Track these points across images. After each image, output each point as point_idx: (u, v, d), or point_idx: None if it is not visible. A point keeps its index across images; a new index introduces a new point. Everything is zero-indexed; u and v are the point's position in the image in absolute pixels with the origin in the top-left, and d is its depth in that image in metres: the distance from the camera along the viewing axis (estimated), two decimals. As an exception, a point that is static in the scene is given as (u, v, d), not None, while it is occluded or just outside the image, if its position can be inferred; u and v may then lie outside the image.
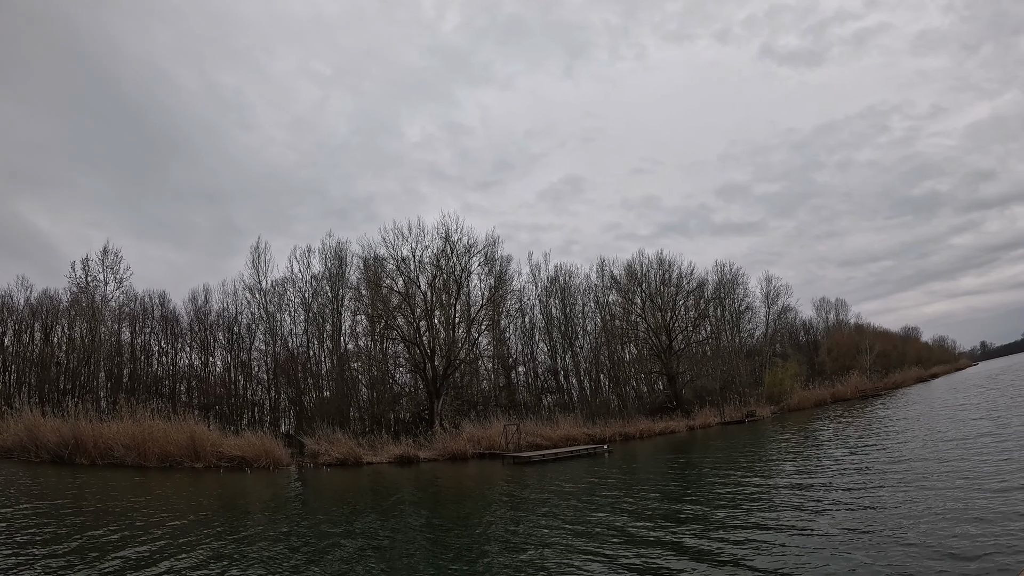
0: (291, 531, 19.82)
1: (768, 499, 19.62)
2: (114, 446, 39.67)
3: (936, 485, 18.15)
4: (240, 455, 41.65)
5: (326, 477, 38.65)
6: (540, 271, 77.40)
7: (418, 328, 57.98)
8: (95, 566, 14.48)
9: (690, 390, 73.12)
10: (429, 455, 47.17)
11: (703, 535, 15.55)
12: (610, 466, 36.12)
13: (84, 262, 61.95)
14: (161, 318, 65.70)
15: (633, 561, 13.64)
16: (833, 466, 25.51)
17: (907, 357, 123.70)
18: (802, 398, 75.63)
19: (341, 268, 66.60)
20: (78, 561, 14.91)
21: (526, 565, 14.14)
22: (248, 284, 66.50)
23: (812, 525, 15.28)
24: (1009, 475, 17.86)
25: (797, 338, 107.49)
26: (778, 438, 42.44)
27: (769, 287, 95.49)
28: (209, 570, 14.40)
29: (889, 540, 13.10)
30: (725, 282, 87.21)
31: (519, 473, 35.82)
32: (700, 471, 29.93)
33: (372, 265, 61.61)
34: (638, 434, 57.46)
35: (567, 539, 16.53)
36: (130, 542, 17.30)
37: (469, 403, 62.86)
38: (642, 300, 75.26)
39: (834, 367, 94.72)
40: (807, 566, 12.12)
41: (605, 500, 22.94)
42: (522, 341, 74.75)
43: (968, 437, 27.97)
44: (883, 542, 13.01)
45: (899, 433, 34.25)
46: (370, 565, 14.91)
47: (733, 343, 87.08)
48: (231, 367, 65.97)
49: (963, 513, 14.41)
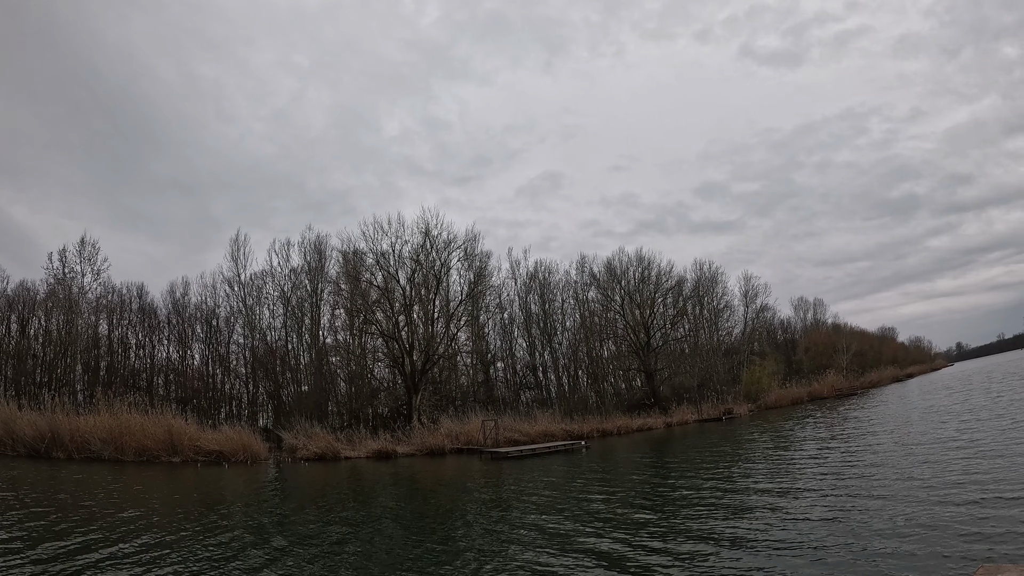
0: (268, 526, 19.89)
1: (741, 498, 19.90)
2: (91, 440, 39.56)
3: (896, 490, 18.51)
4: (218, 449, 41.64)
5: (304, 472, 38.69)
6: (520, 267, 77.56)
7: (397, 323, 58.05)
8: (60, 563, 14.45)
9: (668, 387, 73.53)
10: (407, 450, 47.29)
11: (675, 532, 15.78)
12: (587, 462, 36.40)
13: (61, 253, 61.46)
14: (139, 310, 65.24)
15: (603, 556, 13.85)
16: (804, 466, 25.89)
17: (883, 357, 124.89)
18: (779, 396, 76.28)
19: (320, 262, 66.35)
20: (46, 557, 14.92)
21: (500, 560, 14.33)
22: (227, 277, 66.17)
23: (779, 524, 15.56)
24: (967, 485, 18.20)
25: (775, 337, 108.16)
26: (754, 436, 42.89)
27: (748, 286, 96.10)
28: (183, 566, 14.41)
29: (844, 542, 13.37)
30: (704, 280, 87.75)
31: (496, 468, 36.03)
32: (676, 469, 30.19)
33: (352, 259, 61.54)
34: (616, 430, 57.83)
35: (540, 535, 16.74)
36: (100, 540, 17.30)
37: (447, 398, 62.98)
38: (621, 297, 75.60)
39: (811, 366, 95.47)
40: (770, 564, 12.35)
41: (581, 496, 23.15)
42: (501, 337, 74.99)
43: (934, 441, 28.55)
44: (840, 543, 13.28)
45: (868, 435, 34.86)
46: (344, 561, 15.03)
47: (711, 341, 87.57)
48: (209, 360, 65.70)
49: (917, 517, 14.69)
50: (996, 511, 13.85)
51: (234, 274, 65.97)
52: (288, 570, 14.18)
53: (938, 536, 12.61)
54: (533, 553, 14.69)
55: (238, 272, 66.02)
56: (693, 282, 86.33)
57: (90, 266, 62.21)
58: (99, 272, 62.64)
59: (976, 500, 15.12)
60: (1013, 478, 17.03)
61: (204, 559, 14.99)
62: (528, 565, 13.67)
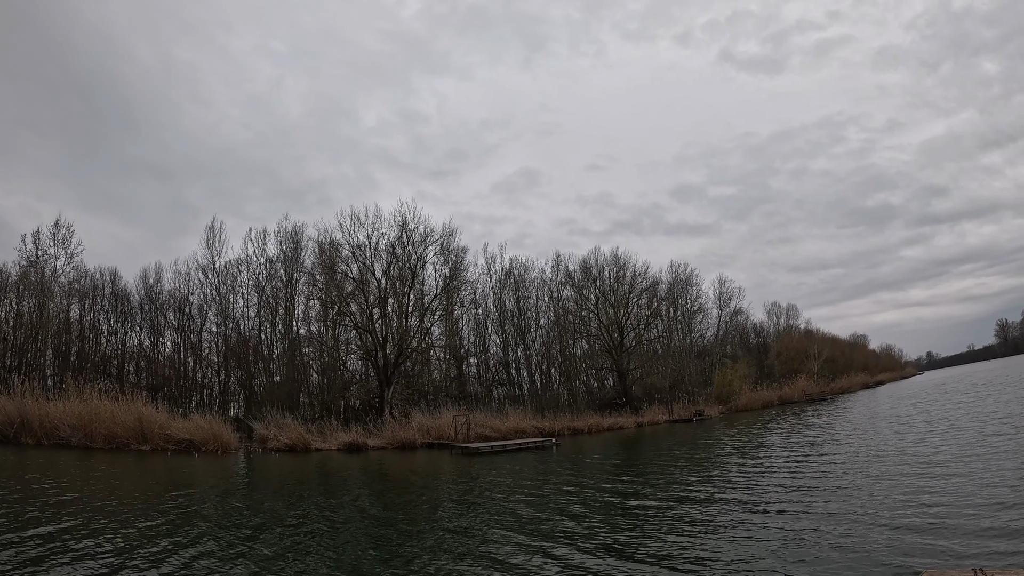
0: (234, 516, 19.96)
1: (708, 498, 20.21)
2: (60, 426, 39.34)
3: (856, 493, 18.96)
4: (188, 438, 41.54)
5: (274, 463, 38.72)
6: (495, 263, 77.59)
7: (371, 315, 58.06)
8: (13, 550, 14.49)
9: (640, 387, 74.07)
10: (378, 443, 47.39)
11: (641, 530, 16.07)
12: (557, 459, 36.67)
13: (36, 235, 60.72)
14: (111, 296, 64.65)
15: (570, 553, 14.09)
16: (771, 467, 26.33)
17: (854, 363, 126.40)
18: (750, 399, 77.19)
19: (296, 252, 65.97)
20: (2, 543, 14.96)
21: (466, 555, 14.52)
22: (201, 264, 65.62)
23: (745, 523, 15.91)
24: (926, 490, 18.65)
25: (748, 340, 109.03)
26: (724, 438, 43.36)
27: (722, 289, 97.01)
28: (145, 558, 14.45)
29: (800, 542, 13.71)
30: (679, 282, 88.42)
31: (467, 464, 36.23)
32: (645, 468, 30.57)
33: (327, 250, 61.47)
34: (587, 429, 58.19)
35: (508, 530, 16.97)
36: (62, 529, 17.32)
37: (420, 392, 63.06)
38: (596, 296, 75.92)
39: (783, 370, 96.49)
40: (728, 558, 12.64)
41: (550, 493, 23.42)
42: (475, 332, 74.98)
43: (895, 451, 29.15)
44: (796, 545, 13.64)
45: (835, 442, 35.48)
46: (309, 552, 15.17)
47: (684, 343, 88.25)
48: (181, 348, 65.26)
49: (871, 520, 15.08)
50: (944, 522, 14.31)
51: (209, 261, 65.53)
52: (252, 560, 14.28)
53: (883, 545, 13.00)
54: (498, 548, 14.93)
55: (213, 260, 65.56)
56: (668, 284, 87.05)
57: (64, 249, 61.58)
58: (72, 256, 62.04)
59: (926, 510, 15.61)
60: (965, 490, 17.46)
61: (165, 548, 15.07)
62: (492, 559, 13.90)
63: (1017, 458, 21.00)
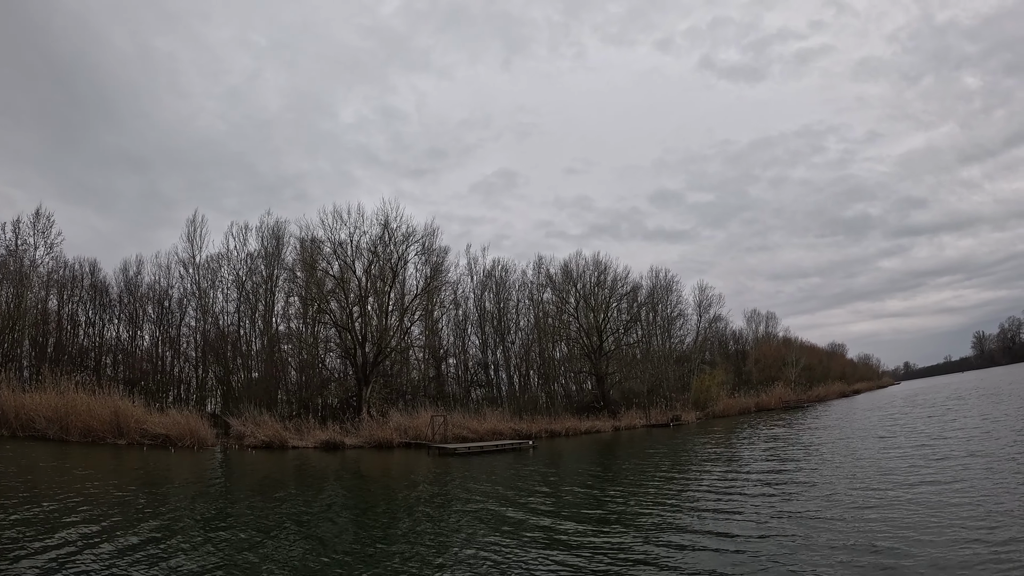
0: (208, 512, 20.03)
1: (683, 501, 20.42)
2: (36, 418, 39.11)
3: (826, 507, 19.12)
4: (164, 433, 41.39)
5: (250, 459, 38.68)
6: (477, 264, 77.64)
7: (351, 314, 57.99)
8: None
9: (618, 391, 74.40)
10: (355, 442, 47.41)
11: (617, 533, 16.29)
12: (534, 462, 36.87)
13: (15, 224, 60.31)
14: (91, 287, 64.25)
15: (544, 555, 14.29)
16: (745, 474, 26.54)
17: (832, 372, 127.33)
18: (727, 406, 77.71)
19: (278, 248, 65.89)
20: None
21: (437, 556, 14.72)
22: (182, 258, 65.29)
23: (718, 528, 16.08)
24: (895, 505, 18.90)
25: (726, 347, 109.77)
26: (700, 443, 43.62)
27: (702, 296, 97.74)
28: (115, 554, 14.53)
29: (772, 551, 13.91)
30: (659, 288, 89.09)
31: (444, 464, 36.39)
32: (621, 471, 30.80)
33: (309, 247, 61.42)
34: (564, 432, 58.48)
35: (481, 530, 17.20)
36: (32, 521, 17.33)
37: (398, 392, 63.07)
38: (576, 300, 76.28)
39: (760, 377, 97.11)
40: (698, 560, 12.86)
41: (525, 494, 23.58)
42: (454, 333, 75.19)
43: (865, 462, 29.44)
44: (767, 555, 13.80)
45: (808, 449, 35.76)
46: (282, 549, 15.31)
47: (663, 348, 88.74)
48: (159, 342, 64.91)
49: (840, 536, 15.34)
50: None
51: (189, 256, 65.25)
52: (225, 556, 14.38)
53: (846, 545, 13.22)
54: (474, 548, 15.12)
55: (193, 254, 65.31)
56: (648, 289, 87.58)
57: (43, 239, 61.15)
58: (52, 246, 61.61)
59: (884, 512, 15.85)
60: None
61: (137, 544, 15.15)
62: (465, 560, 14.11)
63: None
